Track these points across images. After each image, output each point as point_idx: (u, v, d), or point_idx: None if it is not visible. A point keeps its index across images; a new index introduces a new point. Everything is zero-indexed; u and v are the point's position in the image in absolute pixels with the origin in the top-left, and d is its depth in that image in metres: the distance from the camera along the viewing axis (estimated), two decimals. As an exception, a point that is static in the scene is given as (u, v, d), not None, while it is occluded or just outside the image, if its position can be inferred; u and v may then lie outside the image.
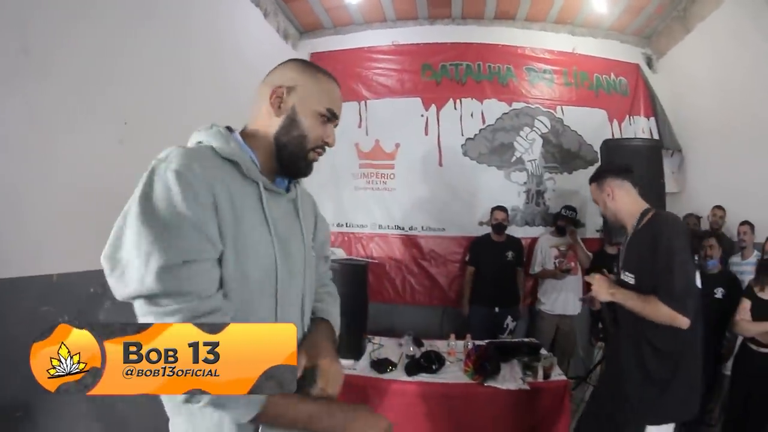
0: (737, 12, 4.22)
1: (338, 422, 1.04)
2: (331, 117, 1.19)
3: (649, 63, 5.81)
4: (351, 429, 1.05)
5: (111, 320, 2.19)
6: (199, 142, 1.09)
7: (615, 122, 5.50)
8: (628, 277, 1.95)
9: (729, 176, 4.87)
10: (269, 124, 1.15)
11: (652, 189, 4.43)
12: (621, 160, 3.72)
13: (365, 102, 5.10)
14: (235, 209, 1.00)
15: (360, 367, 3.28)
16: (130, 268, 0.87)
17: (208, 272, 0.95)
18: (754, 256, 3.88)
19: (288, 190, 1.23)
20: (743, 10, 4.14)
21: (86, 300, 2.25)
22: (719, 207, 4.70)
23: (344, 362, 2.98)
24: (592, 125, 5.42)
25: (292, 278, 1.16)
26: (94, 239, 1.06)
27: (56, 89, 2.12)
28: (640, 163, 3.80)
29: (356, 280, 3.41)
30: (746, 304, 3.20)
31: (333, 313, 1.38)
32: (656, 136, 5.52)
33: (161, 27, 2.85)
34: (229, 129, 1.14)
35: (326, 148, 1.22)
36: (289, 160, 1.17)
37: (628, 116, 5.60)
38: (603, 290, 2.01)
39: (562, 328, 4.79)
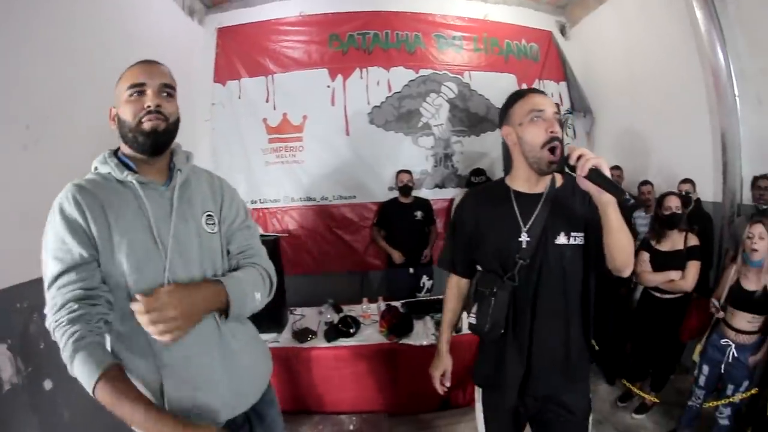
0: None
1: (164, 424, 1.12)
2: (137, 89, 1.31)
3: (563, 31, 6.07)
4: None
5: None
6: (95, 168, 1.35)
7: (524, 86, 5.58)
8: (574, 239, 1.65)
9: (634, 137, 5.28)
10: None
11: None
12: None
13: (272, 76, 5.13)
14: (108, 216, 1.24)
15: (283, 339, 3.44)
16: None
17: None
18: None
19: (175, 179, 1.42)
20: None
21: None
22: (616, 167, 4.92)
23: (267, 336, 3.22)
24: (501, 89, 5.39)
25: (186, 262, 1.34)
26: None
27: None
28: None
29: (271, 254, 3.58)
30: (645, 256, 3.44)
31: (236, 276, 1.43)
32: (567, 100, 5.89)
33: (58, 20, 2.66)
34: (116, 151, 1.39)
35: (157, 111, 1.32)
36: (134, 143, 1.32)
37: (537, 80, 5.82)
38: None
39: None
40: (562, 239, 1.65)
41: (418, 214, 4.81)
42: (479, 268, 1.83)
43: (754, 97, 3.85)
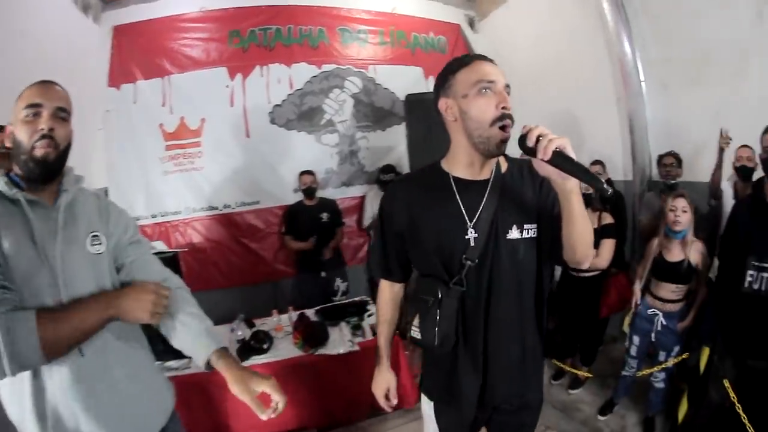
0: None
1: (105, 305, 1.31)
2: (33, 110, 1.31)
3: (471, 24, 6.07)
4: (120, 305, 1.33)
5: None
6: None
7: (431, 78, 5.47)
8: (527, 231, 1.41)
9: (544, 125, 5.05)
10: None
11: None
12: (425, 113, 3.83)
13: (169, 78, 4.74)
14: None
15: (195, 364, 3.14)
16: None
17: None
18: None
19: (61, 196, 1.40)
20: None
21: None
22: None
23: (177, 363, 2.98)
24: (407, 82, 5.43)
25: (72, 280, 1.32)
26: None
27: None
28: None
29: None
30: None
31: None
32: None
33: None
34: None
35: (50, 137, 1.33)
36: (25, 167, 1.31)
37: None
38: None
39: None
40: (514, 233, 1.41)
41: (324, 216, 4.62)
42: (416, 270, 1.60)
43: (659, 82, 4.10)
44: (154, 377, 1.59)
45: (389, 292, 1.73)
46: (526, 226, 1.41)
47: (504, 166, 1.48)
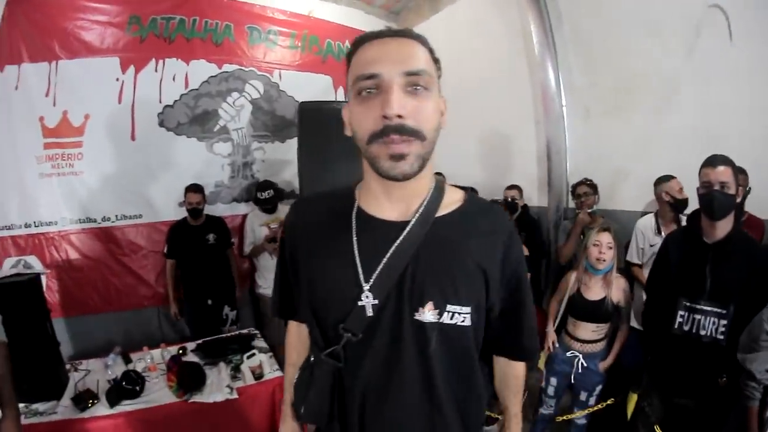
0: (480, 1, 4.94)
1: None
2: None
3: None
4: None
5: None
6: None
7: (341, 89, 5.28)
8: (451, 316, 0.98)
9: (460, 145, 5.19)
10: None
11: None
12: (321, 126, 3.31)
13: (57, 63, 4.11)
14: None
15: (62, 408, 2.70)
16: None
17: None
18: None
19: None
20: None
21: None
22: (438, 173, 4.74)
23: (43, 406, 2.64)
24: (314, 91, 5.13)
25: None
26: None
27: None
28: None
29: (24, 302, 2.69)
30: None
31: None
32: None
33: None
34: None
35: None
36: None
37: None
38: None
39: None
40: (427, 315, 0.96)
41: (211, 237, 4.23)
42: None
43: (582, 107, 4.09)
44: None
45: (296, 332, 1.33)
46: (451, 308, 0.97)
47: (452, 206, 1.06)
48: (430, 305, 0.96)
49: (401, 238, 0.98)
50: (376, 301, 0.97)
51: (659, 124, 3.47)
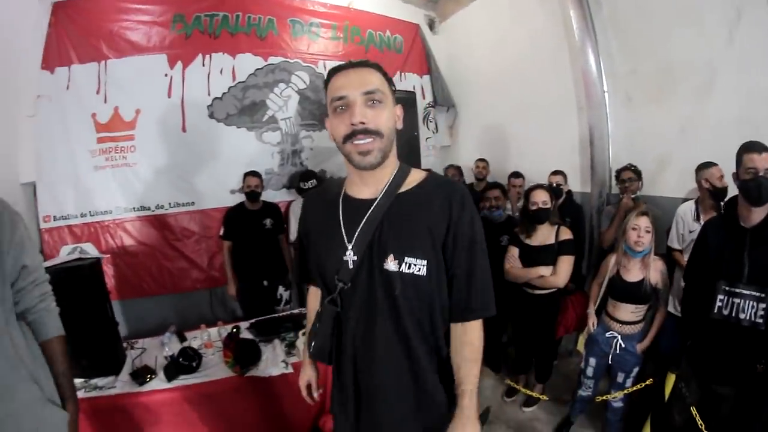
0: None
1: None
2: None
3: (431, 25, 6.08)
4: None
5: None
6: None
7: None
8: (408, 266, 1.31)
9: (500, 130, 5.43)
10: None
11: (407, 141, 4.69)
12: None
13: (105, 63, 4.33)
14: None
15: (121, 383, 2.83)
16: None
17: None
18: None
19: None
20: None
21: None
22: (482, 159, 5.14)
23: (102, 381, 2.79)
24: None
25: None
26: None
27: None
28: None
29: (87, 284, 2.85)
30: (514, 251, 3.43)
31: (52, 327, 1.57)
32: (429, 93, 5.86)
33: None
34: None
35: None
36: None
37: (399, 72, 5.67)
38: None
39: None
40: (390, 264, 1.32)
41: (268, 222, 4.34)
42: None
43: (624, 94, 4.11)
44: (45, 413, 1.46)
45: (314, 295, 1.75)
46: (408, 259, 1.31)
47: (412, 183, 1.41)
48: (391, 257, 1.31)
49: (371, 210, 1.35)
50: (356, 258, 1.34)
51: (700, 111, 3.48)
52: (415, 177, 1.41)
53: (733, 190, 2.41)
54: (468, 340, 1.41)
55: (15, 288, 1.47)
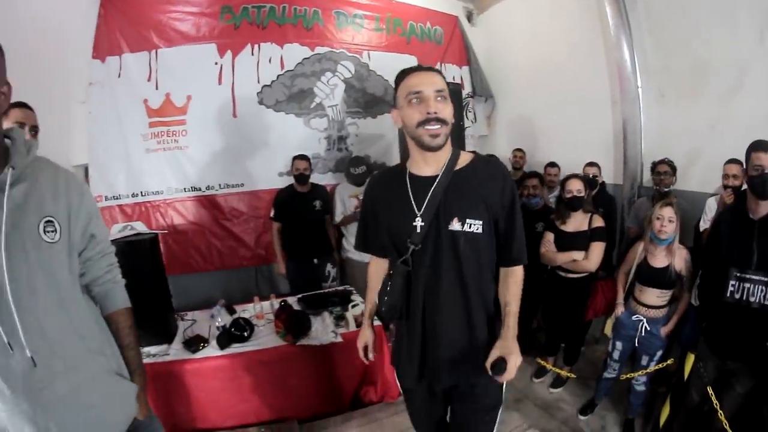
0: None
1: None
2: None
3: (470, 17, 6.25)
4: None
5: None
6: None
7: None
8: (469, 226, 1.61)
9: (536, 122, 5.66)
10: None
11: (452, 130, 4.91)
12: None
13: (156, 51, 4.57)
14: None
15: (174, 351, 3.07)
16: None
17: None
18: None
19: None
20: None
21: None
22: (519, 149, 5.35)
23: (155, 349, 3.02)
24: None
25: (24, 279, 1.20)
26: None
27: None
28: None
29: (146, 257, 3.07)
30: (550, 237, 3.63)
31: (120, 298, 1.60)
32: (468, 84, 6.04)
33: None
34: None
35: None
36: None
37: (440, 63, 5.83)
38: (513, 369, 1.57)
39: None
40: (455, 225, 1.62)
41: (317, 204, 4.56)
42: None
43: (657, 90, 4.25)
44: (111, 384, 1.48)
45: (375, 265, 2.02)
46: (468, 221, 1.62)
47: (464, 162, 1.71)
48: (456, 219, 1.61)
49: (435, 184, 1.64)
50: (423, 223, 1.63)
51: (731, 108, 3.59)
52: (465, 158, 1.72)
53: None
54: (512, 275, 1.71)
55: (83, 258, 1.44)
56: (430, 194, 1.64)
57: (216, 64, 4.79)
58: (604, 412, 3.59)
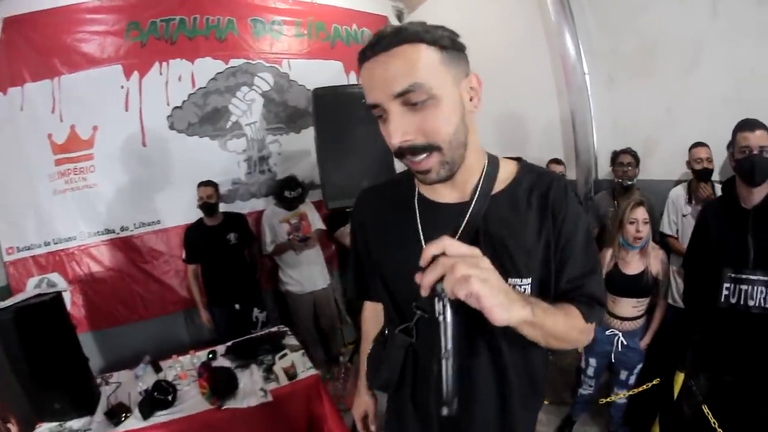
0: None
1: None
2: None
3: (400, 16, 5.92)
4: None
5: None
6: None
7: (352, 74, 5.32)
8: (514, 286, 1.02)
9: (477, 119, 5.07)
10: None
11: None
12: (336, 110, 3.51)
13: (59, 79, 4.14)
14: None
15: (96, 424, 2.70)
16: None
17: None
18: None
19: None
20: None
21: None
22: None
23: (78, 423, 2.66)
24: (326, 78, 5.06)
25: None
26: None
27: None
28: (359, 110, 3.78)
29: (49, 321, 2.69)
30: None
31: None
32: None
33: None
34: None
35: None
36: None
37: None
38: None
39: (319, 303, 4.47)
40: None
41: (232, 236, 4.16)
42: None
43: (606, 75, 4.01)
44: None
45: (372, 310, 1.54)
46: (511, 281, 1.01)
47: (507, 180, 1.11)
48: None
49: (464, 221, 1.04)
50: None
51: (687, 89, 3.40)
52: (506, 171, 1.11)
53: (727, 172, 2.36)
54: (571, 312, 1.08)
55: None
56: (457, 236, 1.03)
57: (122, 87, 4.37)
58: (584, 428, 3.38)
